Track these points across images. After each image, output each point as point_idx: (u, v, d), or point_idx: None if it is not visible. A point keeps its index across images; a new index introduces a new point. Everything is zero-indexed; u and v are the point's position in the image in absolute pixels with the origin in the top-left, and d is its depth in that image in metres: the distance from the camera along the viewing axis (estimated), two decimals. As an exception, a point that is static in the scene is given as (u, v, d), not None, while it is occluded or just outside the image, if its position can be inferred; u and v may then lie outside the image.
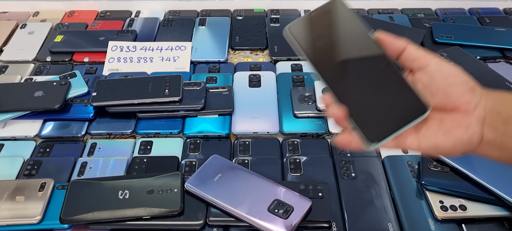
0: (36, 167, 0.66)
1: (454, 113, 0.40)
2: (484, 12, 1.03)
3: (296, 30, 0.43)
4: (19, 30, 0.97)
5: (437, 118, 0.41)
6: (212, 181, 0.61)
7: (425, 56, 0.41)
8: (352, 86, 0.41)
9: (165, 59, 0.87)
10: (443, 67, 0.40)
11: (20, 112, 0.73)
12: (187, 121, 0.74)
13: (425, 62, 0.41)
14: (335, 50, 0.42)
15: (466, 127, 0.39)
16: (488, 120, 0.39)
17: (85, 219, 0.57)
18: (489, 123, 0.39)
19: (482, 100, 0.40)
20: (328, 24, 0.43)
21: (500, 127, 0.39)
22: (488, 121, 0.39)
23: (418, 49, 0.41)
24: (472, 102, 0.39)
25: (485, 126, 0.39)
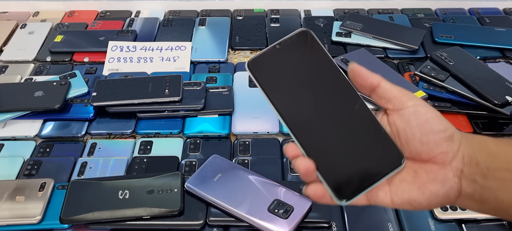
0: (36, 167, 0.66)
1: (430, 165, 0.36)
2: (484, 12, 1.03)
3: (257, 65, 0.37)
4: (19, 30, 0.97)
5: (412, 169, 0.37)
6: (212, 181, 0.61)
7: (401, 97, 0.37)
8: (320, 134, 0.36)
9: (165, 59, 0.87)
10: (420, 112, 0.36)
11: (20, 112, 0.73)
12: (187, 121, 0.73)
13: (400, 104, 0.37)
14: (301, 90, 0.37)
15: (442, 181, 0.36)
16: (466, 172, 0.36)
17: (85, 219, 0.57)
18: (467, 175, 0.36)
19: (460, 150, 0.36)
20: (294, 59, 0.38)
21: (479, 180, 0.35)
22: (466, 173, 0.36)
23: (393, 87, 0.37)
24: (449, 153, 0.36)
25: (463, 179, 0.36)
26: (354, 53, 0.81)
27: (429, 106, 0.37)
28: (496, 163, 0.36)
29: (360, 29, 0.91)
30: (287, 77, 0.37)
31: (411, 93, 0.37)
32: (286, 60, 0.38)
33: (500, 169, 0.35)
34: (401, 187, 0.37)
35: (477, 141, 0.37)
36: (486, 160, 0.36)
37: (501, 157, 0.36)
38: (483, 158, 0.36)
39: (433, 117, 0.36)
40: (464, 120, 0.73)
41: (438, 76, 0.75)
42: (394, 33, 0.90)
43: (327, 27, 0.96)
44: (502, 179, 0.35)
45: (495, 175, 0.35)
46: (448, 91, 0.74)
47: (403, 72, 0.84)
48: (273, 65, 0.37)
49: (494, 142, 0.37)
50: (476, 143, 0.37)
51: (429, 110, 0.36)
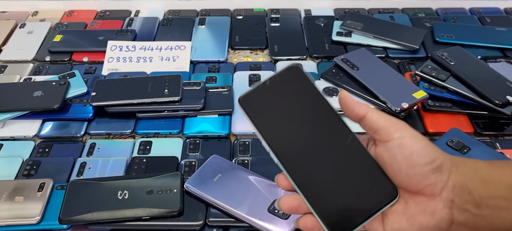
0: (35, 167, 0.66)
1: (419, 196, 0.36)
2: (485, 11, 1.03)
3: (248, 101, 0.38)
4: (18, 29, 0.96)
5: (402, 199, 0.37)
6: (212, 181, 0.61)
7: (387, 129, 0.36)
8: (313, 170, 0.36)
9: (165, 59, 0.87)
10: (405, 145, 0.35)
11: (19, 112, 0.72)
12: (186, 121, 0.73)
13: (386, 136, 0.36)
14: (293, 126, 0.37)
15: (432, 213, 0.35)
16: (457, 201, 0.35)
17: (84, 219, 0.57)
18: (459, 205, 0.35)
19: (450, 180, 0.35)
20: (284, 95, 0.38)
21: (472, 209, 0.35)
22: (458, 203, 0.35)
23: (380, 118, 0.37)
24: (438, 184, 0.35)
25: (455, 209, 0.35)
26: (355, 53, 0.81)
27: (416, 137, 0.36)
28: (490, 191, 0.35)
29: (360, 28, 0.91)
30: (278, 113, 0.38)
31: (399, 123, 0.37)
32: (277, 96, 0.38)
33: (494, 197, 0.34)
34: (392, 217, 0.37)
35: (468, 167, 0.36)
36: (478, 188, 0.35)
37: (494, 184, 0.35)
38: (475, 186, 0.35)
39: (419, 149, 0.35)
40: (464, 119, 0.73)
41: (439, 76, 0.74)
42: (394, 33, 0.90)
43: (327, 26, 0.95)
44: (497, 207, 0.34)
45: (488, 203, 0.34)
46: (448, 91, 0.74)
47: (404, 72, 0.84)
48: (264, 101, 0.38)
49: (487, 167, 0.36)
50: (467, 170, 0.35)
51: (415, 142, 0.35)
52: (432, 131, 0.71)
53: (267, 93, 0.38)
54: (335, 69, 0.79)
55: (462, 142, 0.66)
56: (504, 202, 0.34)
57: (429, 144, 0.36)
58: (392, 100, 0.69)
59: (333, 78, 0.77)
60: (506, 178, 0.35)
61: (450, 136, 0.67)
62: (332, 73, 0.78)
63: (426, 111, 0.74)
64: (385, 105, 0.70)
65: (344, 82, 0.76)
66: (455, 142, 0.66)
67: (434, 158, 0.35)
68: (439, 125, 0.72)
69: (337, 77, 0.77)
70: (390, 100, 0.70)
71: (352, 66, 0.77)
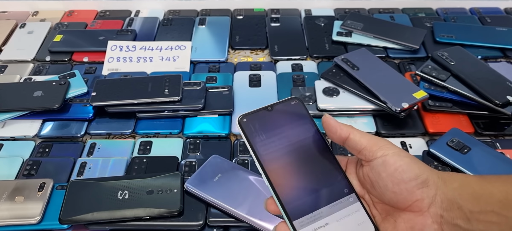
0: (35, 167, 0.66)
1: (408, 213, 0.36)
2: (485, 11, 1.03)
3: (248, 122, 0.40)
4: (18, 29, 0.96)
5: (392, 217, 0.37)
6: (212, 181, 0.61)
7: (370, 148, 0.36)
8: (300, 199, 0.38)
9: (165, 59, 0.87)
10: (388, 162, 0.35)
11: (19, 112, 0.72)
12: (187, 121, 0.73)
13: (370, 155, 0.36)
14: (285, 154, 0.39)
15: (420, 230, 0.35)
16: (446, 217, 0.35)
17: (85, 219, 0.57)
18: (448, 220, 0.35)
19: (438, 194, 0.35)
20: (282, 122, 0.40)
21: (462, 224, 0.34)
22: (447, 218, 0.35)
23: (363, 138, 0.37)
24: (425, 200, 0.35)
25: (444, 224, 0.35)
26: (355, 53, 0.81)
27: (398, 154, 0.36)
28: (480, 206, 0.34)
29: (361, 28, 0.91)
30: (273, 138, 0.39)
31: (382, 141, 0.37)
32: (275, 122, 0.40)
33: (484, 211, 0.34)
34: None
35: (458, 182, 0.35)
36: (469, 203, 0.34)
37: (485, 198, 0.34)
38: (465, 200, 0.34)
39: (402, 165, 0.35)
40: (465, 119, 0.73)
41: (439, 76, 0.74)
42: (395, 33, 0.90)
43: (327, 26, 0.95)
44: (488, 222, 0.34)
45: (479, 218, 0.34)
46: (449, 91, 0.73)
47: (404, 72, 0.84)
48: (262, 124, 0.40)
49: (478, 182, 0.35)
50: (457, 185, 0.35)
51: (398, 159, 0.35)
52: (432, 131, 0.71)
53: (266, 118, 0.40)
54: (335, 69, 0.79)
55: (462, 142, 0.66)
56: (495, 217, 0.34)
57: (412, 160, 0.36)
58: (392, 101, 0.69)
59: (333, 78, 0.77)
60: (497, 193, 0.34)
61: (450, 136, 0.67)
62: (332, 73, 0.78)
63: (426, 111, 0.74)
64: (385, 105, 0.70)
65: (344, 82, 0.76)
66: (456, 142, 0.66)
67: (419, 174, 0.35)
68: (439, 125, 0.72)
69: (337, 77, 0.77)
70: (390, 100, 0.70)
71: (352, 66, 0.77)
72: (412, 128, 0.72)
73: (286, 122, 0.40)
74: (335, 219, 0.37)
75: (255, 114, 0.40)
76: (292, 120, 0.41)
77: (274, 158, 0.39)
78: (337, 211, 0.38)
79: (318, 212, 0.37)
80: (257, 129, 0.40)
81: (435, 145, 0.67)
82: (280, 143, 0.39)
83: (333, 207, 0.38)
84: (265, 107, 0.41)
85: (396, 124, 0.72)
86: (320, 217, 0.37)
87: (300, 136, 0.40)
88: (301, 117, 0.41)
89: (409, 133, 0.72)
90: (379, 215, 0.39)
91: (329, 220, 0.37)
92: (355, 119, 0.73)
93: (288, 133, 0.40)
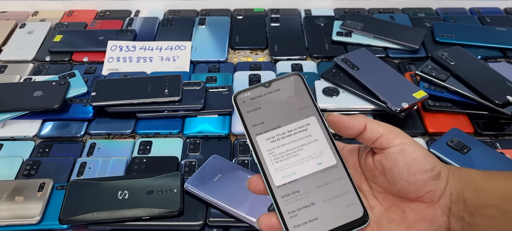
0: (35, 167, 0.66)
1: (417, 204, 0.36)
2: (485, 11, 1.03)
3: (244, 99, 0.39)
4: (18, 29, 0.96)
5: (399, 208, 0.37)
6: (212, 181, 0.61)
7: (387, 135, 0.36)
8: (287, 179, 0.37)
9: (165, 59, 0.87)
10: (407, 151, 0.35)
11: (19, 112, 0.72)
12: (186, 121, 0.73)
13: (387, 142, 0.36)
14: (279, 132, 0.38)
15: (431, 221, 0.35)
16: (454, 209, 0.35)
17: (85, 219, 0.57)
18: (455, 213, 0.35)
19: (448, 187, 0.35)
20: (280, 100, 0.39)
21: (466, 218, 0.35)
22: (454, 211, 0.35)
23: (379, 126, 0.37)
24: (437, 192, 0.35)
25: (452, 217, 0.35)
26: (355, 53, 0.81)
27: (416, 144, 0.36)
28: (482, 200, 0.35)
29: (360, 28, 0.91)
30: (269, 116, 0.38)
31: (398, 130, 0.37)
32: (271, 99, 0.39)
33: (486, 206, 0.34)
34: (389, 227, 0.36)
35: (463, 175, 0.36)
36: (472, 197, 0.35)
37: (487, 193, 0.35)
38: (469, 194, 0.35)
39: (420, 155, 0.35)
40: (465, 119, 0.73)
41: (439, 76, 0.74)
42: (395, 33, 0.90)
43: (327, 26, 0.95)
44: (489, 216, 0.34)
45: (481, 212, 0.35)
46: (449, 91, 0.74)
47: (404, 72, 0.84)
48: (259, 102, 0.39)
49: (480, 176, 0.36)
50: (462, 178, 0.36)
51: (416, 148, 0.36)
52: (432, 131, 0.71)
53: (264, 95, 0.39)
54: (335, 69, 0.79)
55: (462, 141, 0.66)
56: (496, 211, 0.34)
57: (428, 152, 0.36)
58: (392, 100, 0.69)
59: (333, 78, 0.77)
60: (499, 188, 0.35)
61: (450, 136, 0.67)
62: (332, 73, 0.78)
63: (426, 111, 0.74)
64: (385, 105, 0.70)
65: (344, 82, 0.76)
66: (455, 142, 0.66)
67: (434, 165, 0.35)
68: (439, 124, 0.72)
69: (337, 77, 0.77)
70: (390, 100, 0.70)
71: (352, 66, 0.77)
72: (412, 128, 0.72)
73: (283, 99, 0.39)
74: (322, 200, 0.36)
75: (252, 91, 0.39)
76: (290, 97, 0.39)
77: (265, 136, 0.38)
78: (326, 192, 0.37)
79: (306, 192, 0.37)
80: (251, 106, 0.39)
81: (435, 145, 0.67)
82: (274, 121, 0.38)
83: (321, 188, 0.37)
84: (263, 84, 0.39)
85: (396, 124, 0.71)
86: (306, 196, 0.36)
87: (297, 113, 0.39)
88: (300, 94, 0.39)
89: (409, 133, 0.70)
90: (379, 205, 0.38)
91: (315, 199, 0.36)
92: (355, 119, 0.73)
93: (284, 111, 0.39)
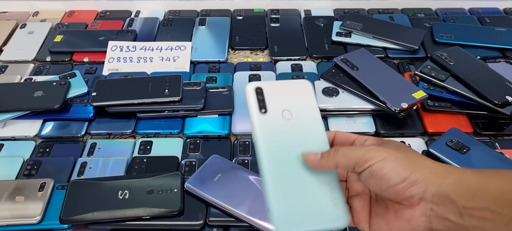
0: (35, 167, 0.66)
1: (398, 204, 0.37)
2: (484, 12, 1.03)
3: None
4: (18, 30, 0.97)
5: (384, 203, 0.39)
6: (212, 181, 0.61)
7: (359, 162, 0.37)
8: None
9: (165, 59, 0.87)
10: (375, 172, 0.36)
11: (19, 112, 0.72)
12: (187, 121, 0.73)
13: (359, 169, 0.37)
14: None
15: (408, 220, 0.37)
16: (437, 210, 0.35)
17: (85, 219, 0.57)
18: (439, 214, 0.35)
19: (428, 190, 0.35)
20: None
21: (453, 219, 0.35)
22: (438, 212, 0.35)
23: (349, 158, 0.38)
24: (415, 197, 0.36)
25: (433, 218, 0.36)
26: (354, 53, 0.81)
27: (386, 159, 0.36)
28: (475, 202, 0.34)
29: (360, 29, 0.91)
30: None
31: (371, 149, 0.37)
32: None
33: (479, 208, 0.34)
34: (375, 218, 0.39)
35: (454, 177, 0.35)
36: (463, 199, 0.34)
37: (481, 195, 0.34)
38: (459, 196, 0.35)
39: (388, 172, 0.36)
40: (464, 119, 0.73)
41: (438, 76, 0.74)
42: (394, 33, 0.90)
43: (327, 27, 0.96)
44: (481, 218, 0.34)
45: (472, 213, 0.34)
46: (448, 91, 0.74)
47: (403, 72, 0.84)
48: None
49: (474, 176, 0.36)
50: (451, 180, 0.35)
51: (384, 165, 0.36)
52: (432, 131, 0.71)
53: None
54: (335, 70, 0.79)
55: (462, 141, 0.66)
56: (490, 213, 0.34)
57: (399, 163, 0.36)
58: (391, 101, 0.70)
59: (333, 78, 0.77)
60: (493, 190, 0.34)
61: (449, 136, 0.67)
62: (332, 74, 0.78)
63: (425, 111, 0.74)
64: (385, 105, 0.70)
65: (343, 82, 0.76)
66: (455, 142, 0.66)
67: (406, 177, 0.36)
68: (438, 125, 0.72)
69: (337, 78, 0.77)
70: (390, 100, 0.70)
71: (352, 67, 0.77)
72: (411, 128, 0.72)
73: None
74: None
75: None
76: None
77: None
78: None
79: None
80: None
81: (434, 145, 0.67)
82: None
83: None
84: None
85: (396, 124, 0.73)
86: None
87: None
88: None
89: (408, 133, 0.72)
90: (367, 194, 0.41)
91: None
92: (355, 119, 0.74)
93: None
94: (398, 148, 0.38)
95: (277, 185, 0.38)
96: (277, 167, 0.39)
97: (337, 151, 0.38)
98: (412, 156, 0.37)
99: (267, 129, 0.40)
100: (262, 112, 0.41)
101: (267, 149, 0.39)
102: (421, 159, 0.37)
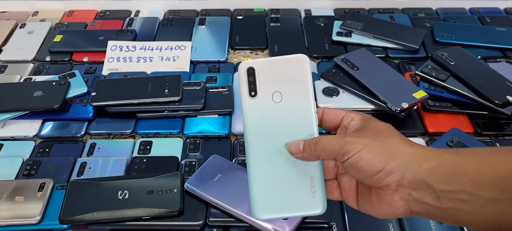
0: (35, 167, 0.66)
1: (379, 189, 0.39)
2: (485, 11, 1.03)
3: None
4: (18, 29, 0.97)
5: (368, 186, 0.40)
6: (212, 181, 0.61)
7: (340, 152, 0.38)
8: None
9: (165, 59, 0.87)
10: (352, 164, 0.38)
11: (19, 112, 0.72)
12: (187, 121, 0.73)
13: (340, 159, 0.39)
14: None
15: (388, 204, 0.38)
16: (414, 195, 0.37)
17: (85, 219, 0.57)
18: (417, 198, 0.37)
19: (405, 177, 0.37)
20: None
21: (431, 202, 0.36)
22: (415, 196, 0.37)
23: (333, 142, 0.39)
24: (392, 184, 0.37)
25: (412, 201, 0.37)
26: (355, 53, 0.81)
27: (361, 152, 0.37)
28: (452, 185, 0.35)
29: (360, 28, 0.91)
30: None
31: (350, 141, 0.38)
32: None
33: (456, 191, 0.35)
34: (361, 198, 0.41)
35: (430, 163, 0.36)
36: (439, 183, 0.36)
37: (458, 178, 0.35)
38: (436, 181, 0.36)
39: (364, 165, 0.37)
40: (465, 119, 0.73)
41: (439, 76, 0.74)
42: (394, 33, 0.90)
43: (327, 26, 0.96)
44: (459, 200, 0.35)
45: (449, 196, 0.35)
46: (449, 91, 0.74)
47: (404, 72, 0.84)
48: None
49: (451, 160, 0.36)
50: (427, 166, 0.36)
51: (359, 158, 0.37)
52: (432, 131, 0.71)
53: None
54: (335, 69, 0.79)
55: (462, 141, 0.66)
56: (467, 195, 0.35)
57: (374, 155, 0.37)
58: (392, 100, 0.69)
59: (333, 78, 0.77)
60: (470, 172, 0.35)
61: (450, 136, 0.67)
62: (332, 73, 0.78)
63: (426, 111, 0.74)
64: (385, 105, 0.70)
65: (344, 82, 0.76)
66: (455, 142, 0.66)
67: (380, 168, 0.37)
68: (439, 124, 0.72)
69: (337, 77, 0.77)
70: (390, 100, 0.70)
71: (352, 66, 0.77)
72: (411, 128, 0.72)
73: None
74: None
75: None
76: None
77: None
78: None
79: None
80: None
81: (435, 145, 0.67)
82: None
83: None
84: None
85: (396, 124, 0.72)
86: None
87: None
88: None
89: (408, 133, 0.72)
90: None
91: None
92: (355, 119, 0.73)
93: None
94: (376, 136, 0.39)
95: (259, 172, 0.40)
96: (261, 154, 0.40)
97: (317, 143, 0.39)
98: (388, 144, 0.38)
99: (255, 114, 0.40)
100: (251, 96, 0.41)
101: (253, 135, 0.40)
102: (398, 146, 0.38)
